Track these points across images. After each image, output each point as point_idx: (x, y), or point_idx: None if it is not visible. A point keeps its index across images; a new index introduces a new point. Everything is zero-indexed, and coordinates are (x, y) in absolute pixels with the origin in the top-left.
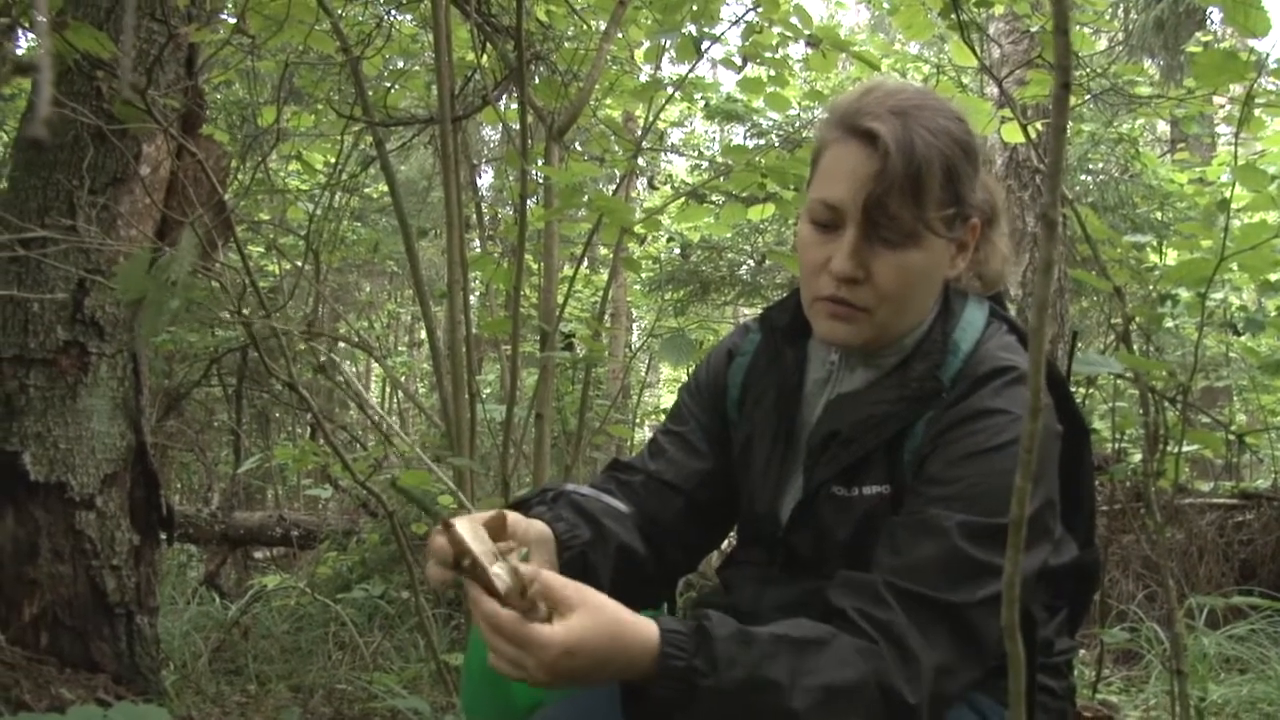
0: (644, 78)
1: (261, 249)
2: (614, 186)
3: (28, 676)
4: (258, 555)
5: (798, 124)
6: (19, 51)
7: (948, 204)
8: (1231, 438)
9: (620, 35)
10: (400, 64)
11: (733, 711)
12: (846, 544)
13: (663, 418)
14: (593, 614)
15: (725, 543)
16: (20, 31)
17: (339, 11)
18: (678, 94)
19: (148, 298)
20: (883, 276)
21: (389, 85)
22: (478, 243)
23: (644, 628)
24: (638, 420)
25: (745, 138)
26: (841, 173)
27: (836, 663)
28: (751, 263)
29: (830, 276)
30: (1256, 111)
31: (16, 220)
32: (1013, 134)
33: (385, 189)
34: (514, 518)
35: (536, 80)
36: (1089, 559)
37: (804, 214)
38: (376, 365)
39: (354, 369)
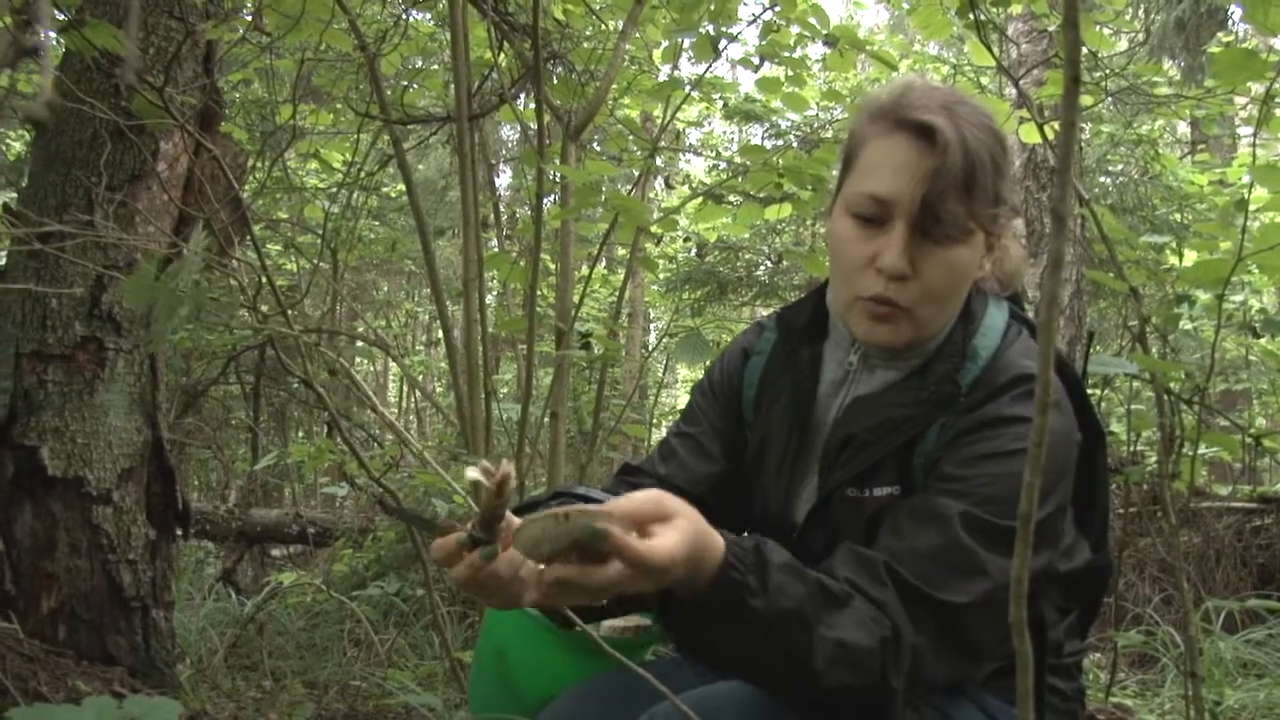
0: (662, 77)
1: (279, 247)
2: (631, 186)
3: (45, 669)
4: (274, 552)
5: (816, 124)
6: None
7: (995, 202)
8: (1249, 441)
9: (638, 34)
10: (418, 63)
11: (767, 639)
12: (859, 545)
13: (675, 421)
14: (689, 521)
15: None
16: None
17: (356, 10)
18: (695, 93)
19: (158, 303)
20: (930, 274)
21: (406, 84)
22: (495, 242)
23: (716, 537)
24: (654, 420)
25: (763, 138)
26: (892, 166)
27: (853, 623)
28: (769, 263)
29: (876, 273)
30: (1277, 111)
31: (35, 216)
32: (1031, 134)
33: (403, 188)
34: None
35: (554, 79)
36: (1101, 562)
37: (841, 208)
38: (394, 364)
39: (372, 368)
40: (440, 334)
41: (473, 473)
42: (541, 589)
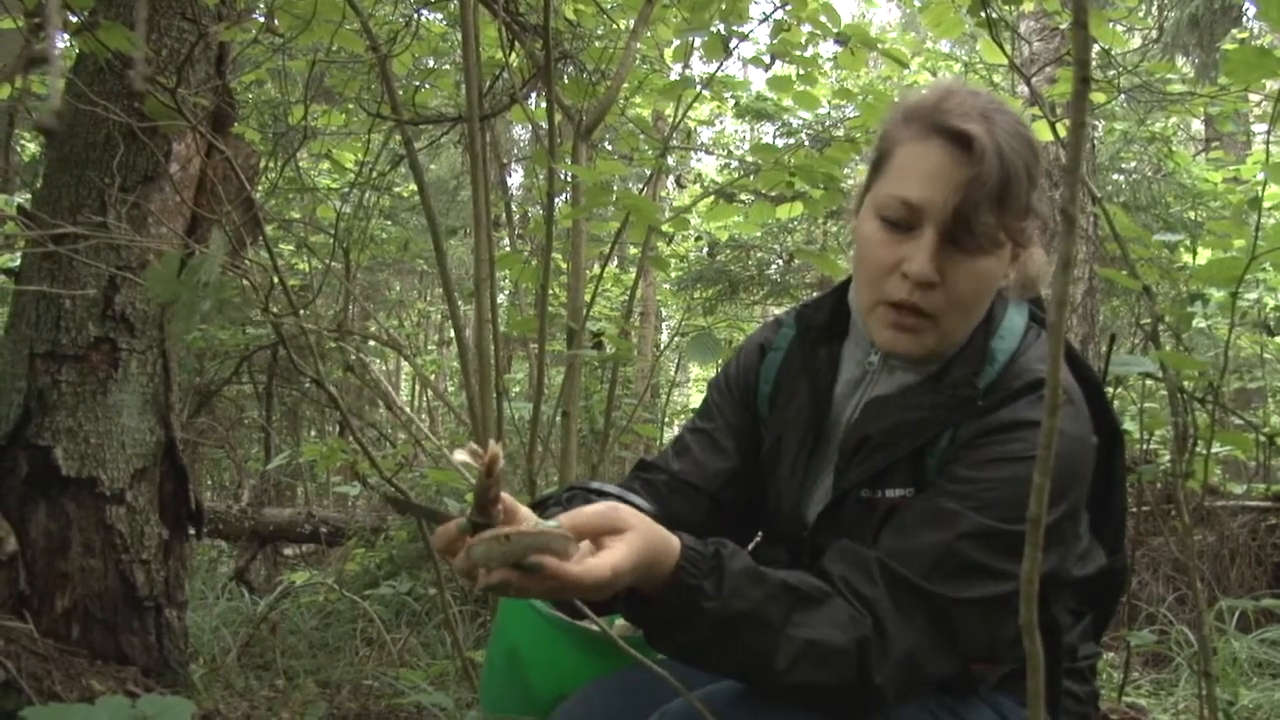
0: (673, 76)
1: (292, 247)
2: (642, 185)
3: (59, 668)
4: (287, 552)
5: (827, 123)
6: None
7: (1027, 214)
8: (1264, 439)
9: (648, 33)
10: (429, 63)
11: (723, 639)
12: (868, 546)
13: (691, 417)
14: (638, 534)
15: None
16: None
17: (368, 11)
18: (706, 92)
19: (180, 298)
20: (957, 283)
21: (418, 84)
22: (506, 241)
23: (672, 542)
24: (666, 419)
25: (775, 136)
26: (925, 172)
27: (826, 622)
28: (780, 262)
29: (902, 279)
30: None
31: (49, 217)
32: (1043, 133)
33: (415, 187)
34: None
35: (565, 79)
36: (1116, 565)
37: (869, 210)
38: (406, 363)
39: (384, 367)
40: (452, 333)
41: (460, 455)
42: (486, 586)
